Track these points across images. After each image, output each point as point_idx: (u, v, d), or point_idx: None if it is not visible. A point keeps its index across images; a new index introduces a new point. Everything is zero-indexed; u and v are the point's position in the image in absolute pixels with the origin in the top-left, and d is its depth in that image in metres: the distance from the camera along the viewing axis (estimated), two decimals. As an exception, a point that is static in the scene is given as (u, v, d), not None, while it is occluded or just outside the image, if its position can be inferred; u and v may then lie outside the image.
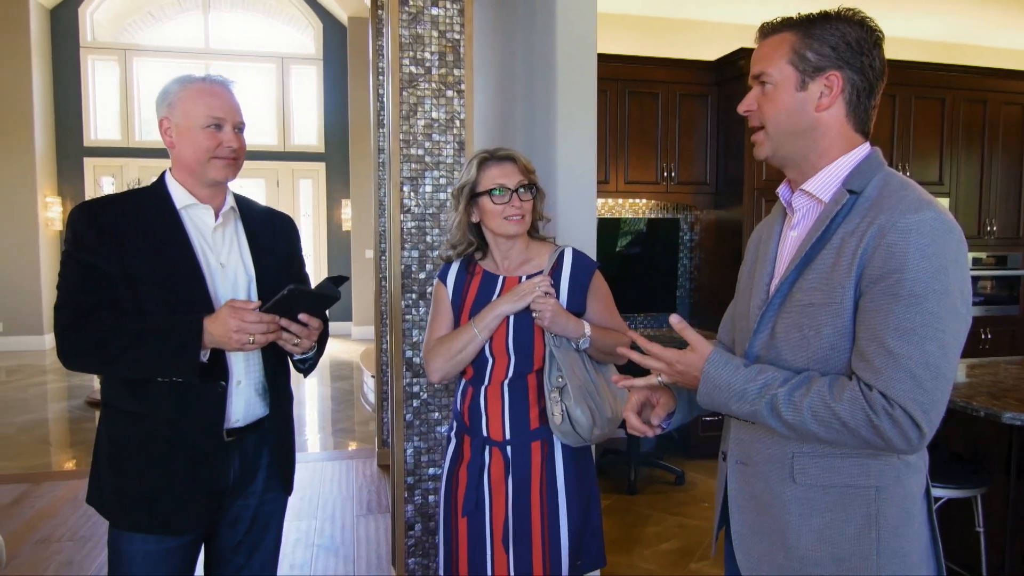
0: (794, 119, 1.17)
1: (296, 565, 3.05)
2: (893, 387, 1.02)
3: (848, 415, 1.04)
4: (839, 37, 1.13)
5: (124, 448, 1.54)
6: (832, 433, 1.06)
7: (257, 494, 1.69)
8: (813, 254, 1.15)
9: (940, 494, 2.36)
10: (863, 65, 1.14)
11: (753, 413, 1.13)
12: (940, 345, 1.03)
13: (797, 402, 1.08)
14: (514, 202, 1.73)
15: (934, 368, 1.03)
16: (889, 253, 1.05)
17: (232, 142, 1.57)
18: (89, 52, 8.71)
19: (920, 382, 1.02)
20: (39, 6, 8.27)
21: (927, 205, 1.07)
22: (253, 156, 9.08)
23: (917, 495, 1.17)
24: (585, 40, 2.64)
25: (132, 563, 1.52)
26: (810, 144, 1.18)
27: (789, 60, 1.16)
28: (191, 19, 9.12)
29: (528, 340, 1.73)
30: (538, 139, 2.84)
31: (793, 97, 1.16)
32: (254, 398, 1.63)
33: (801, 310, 1.14)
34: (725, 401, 1.15)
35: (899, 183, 1.13)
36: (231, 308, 1.44)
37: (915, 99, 4.50)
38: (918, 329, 1.02)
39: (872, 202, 1.11)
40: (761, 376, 1.13)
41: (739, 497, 1.27)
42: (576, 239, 2.66)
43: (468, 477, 1.78)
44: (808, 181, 1.20)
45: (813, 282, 1.14)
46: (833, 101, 1.15)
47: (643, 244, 4.62)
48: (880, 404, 1.03)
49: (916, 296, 1.03)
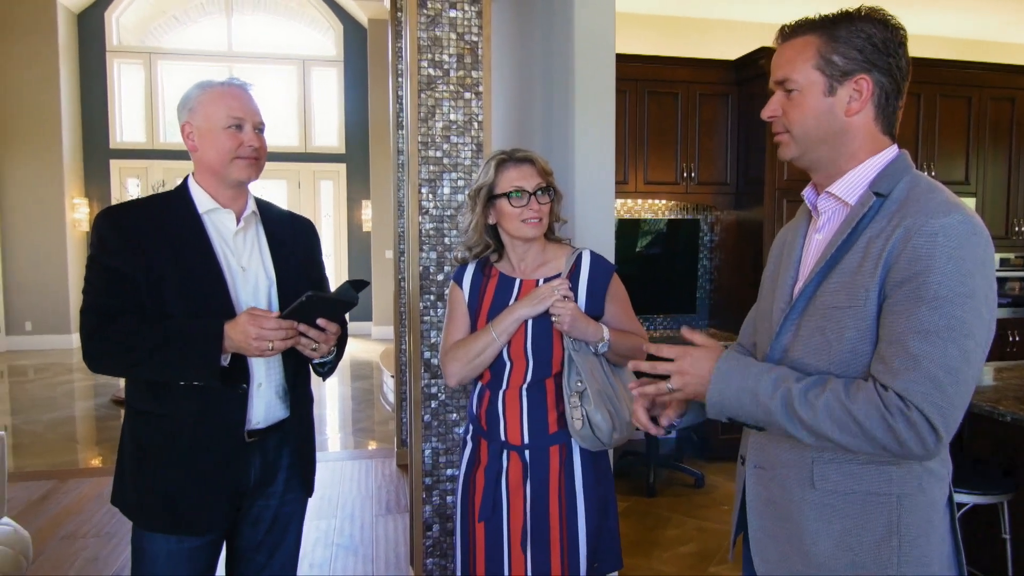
0: (822, 125, 1.15)
1: (316, 564, 3.08)
2: (911, 388, 1.01)
3: (863, 416, 1.03)
4: (865, 39, 1.11)
5: (147, 449, 1.56)
6: (847, 436, 1.04)
7: (278, 495, 1.71)
8: (838, 257, 1.14)
9: (965, 500, 2.32)
10: (891, 66, 1.12)
11: (767, 413, 1.10)
12: (962, 349, 1.01)
13: (812, 400, 1.06)
14: (532, 205, 1.73)
15: (955, 372, 1.01)
16: (915, 256, 1.03)
17: (253, 141, 1.59)
18: (115, 55, 8.86)
19: (939, 385, 1.00)
20: (66, 11, 8.42)
21: (955, 208, 1.05)
22: (274, 157, 9.17)
23: (940, 503, 1.15)
24: (603, 40, 2.63)
25: (154, 562, 1.55)
26: (839, 148, 1.16)
27: (815, 65, 1.13)
28: (214, 22, 9.23)
29: (547, 344, 1.73)
30: (555, 140, 2.84)
31: (821, 102, 1.14)
32: (275, 400, 1.64)
33: (824, 313, 1.13)
34: (737, 398, 1.12)
35: (927, 186, 1.11)
36: (250, 316, 1.45)
37: (940, 97, 4.42)
38: (941, 332, 1.01)
39: (899, 205, 1.10)
40: (774, 371, 1.12)
41: (757, 501, 1.26)
42: (594, 240, 2.65)
43: (485, 481, 1.78)
44: (834, 184, 1.18)
45: (837, 285, 1.12)
46: (863, 105, 1.13)
47: (663, 245, 4.59)
48: (896, 405, 1.01)
49: (940, 299, 1.01)
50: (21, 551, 2.02)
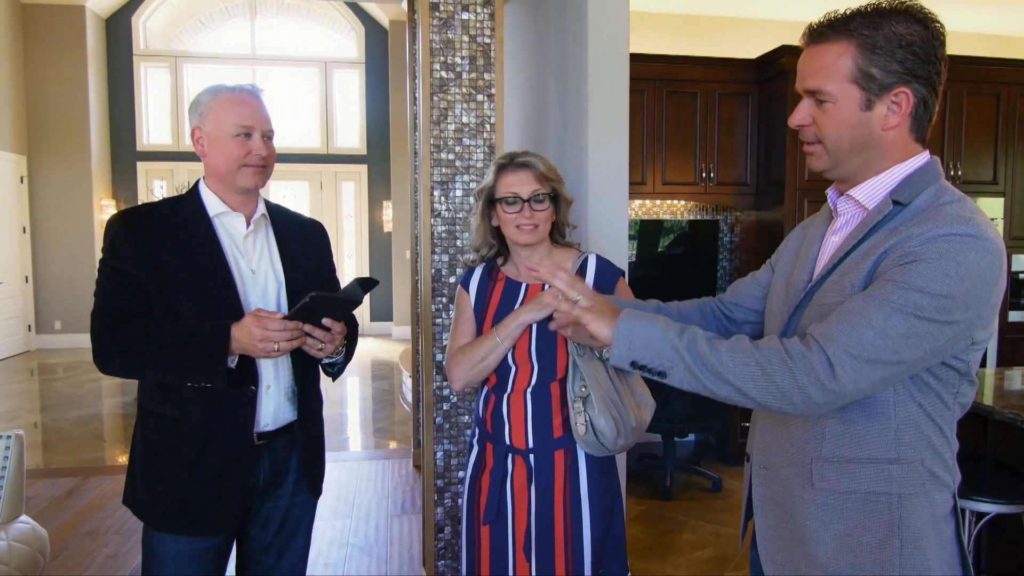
0: (857, 138, 1.10)
1: (331, 564, 3.10)
2: (827, 332, 0.99)
3: (763, 358, 1.01)
4: (906, 49, 1.04)
5: (157, 451, 1.58)
6: (748, 379, 1.02)
7: (287, 496, 1.72)
8: (844, 259, 1.12)
9: (987, 509, 2.26)
10: (930, 74, 1.06)
11: (673, 348, 1.07)
12: (910, 327, 0.97)
13: (717, 344, 1.05)
14: (525, 212, 1.72)
15: (886, 336, 0.97)
16: (905, 252, 1.01)
17: (261, 150, 1.60)
18: (142, 59, 9.01)
19: (863, 337, 0.97)
20: (95, 16, 8.59)
21: (964, 221, 1.00)
22: (297, 159, 9.27)
23: (943, 510, 1.12)
24: (616, 41, 2.61)
25: (164, 563, 1.57)
26: (870, 159, 1.12)
27: (852, 78, 1.06)
28: (238, 25, 9.35)
29: (551, 348, 1.72)
30: (569, 141, 2.83)
31: (857, 116, 1.08)
32: (283, 402, 1.65)
33: (815, 309, 1.12)
34: (646, 337, 1.09)
35: (948, 197, 1.07)
36: (255, 317, 1.46)
37: (967, 95, 4.32)
38: (894, 302, 0.97)
39: (916, 216, 1.06)
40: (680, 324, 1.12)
41: (762, 501, 1.25)
42: (607, 241, 2.63)
43: (490, 485, 1.77)
44: (857, 187, 1.15)
45: (831, 284, 1.11)
46: (902, 120, 1.08)
47: (682, 246, 4.55)
48: (797, 348, 1.00)
49: (910, 287, 0.97)
50: (38, 548, 2.06)
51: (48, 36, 8.24)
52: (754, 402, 1.03)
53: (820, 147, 1.14)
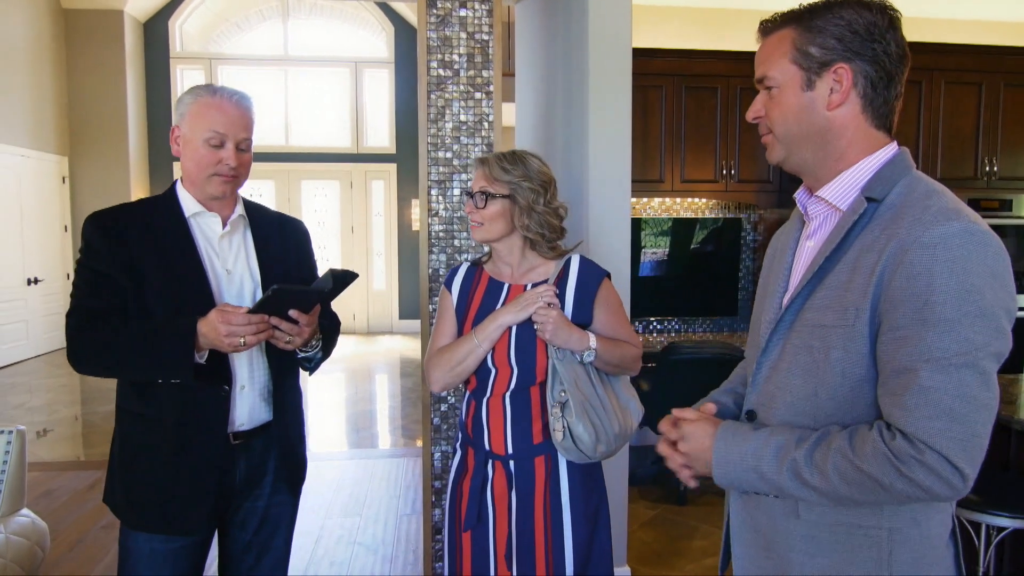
0: (803, 122, 1.06)
1: (336, 563, 3.11)
2: (924, 427, 0.91)
3: (877, 471, 0.92)
4: (844, 26, 1.01)
5: (133, 449, 1.59)
6: (868, 493, 0.94)
7: (265, 496, 1.71)
8: (828, 267, 1.04)
9: (1005, 524, 2.14)
10: (876, 53, 1.02)
11: (779, 489, 1.01)
12: (979, 373, 0.91)
13: (820, 464, 0.96)
14: (468, 207, 1.71)
15: (973, 400, 0.90)
16: (912, 272, 0.93)
17: (231, 160, 1.58)
18: (178, 62, 9.22)
19: (957, 417, 0.90)
20: (133, 20, 8.81)
21: (955, 215, 0.94)
22: (327, 158, 9.38)
23: (939, 537, 1.04)
24: (618, 36, 2.55)
25: (139, 561, 1.57)
26: (826, 147, 1.06)
27: (792, 58, 1.05)
28: (271, 27, 9.49)
29: (530, 352, 1.68)
30: (573, 139, 2.78)
31: (800, 98, 1.05)
32: (259, 403, 1.65)
33: (811, 331, 1.04)
34: (744, 479, 1.04)
35: (925, 190, 1.00)
36: (219, 312, 1.45)
37: (1004, 87, 4.13)
38: (953, 359, 0.90)
39: (894, 212, 1.00)
40: (773, 438, 1.02)
41: (742, 530, 1.17)
42: (608, 241, 2.58)
43: (470, 491, 1.74)
44: (825, 187, 1.08)
45: (825, 300, 1.03)
46: (845, 97, 1.03)
47: (702, 245, 4.45)
48: (906, 452, 0.91)
49: (948, 322, 0.91)
50: (37, 542, 2.10)
51: (88, 40, 8.49)
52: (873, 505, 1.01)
53: (772, 137, 1.10)
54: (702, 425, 1.10)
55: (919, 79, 4.00)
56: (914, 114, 4.03)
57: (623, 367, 1.74)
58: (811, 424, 1.04)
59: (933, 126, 4.03)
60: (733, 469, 1.04)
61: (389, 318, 9.75)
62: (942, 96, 4.01)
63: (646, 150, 4.12)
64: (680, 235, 4.42)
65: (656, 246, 4.38)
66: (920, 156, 4.05)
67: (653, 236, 4.41)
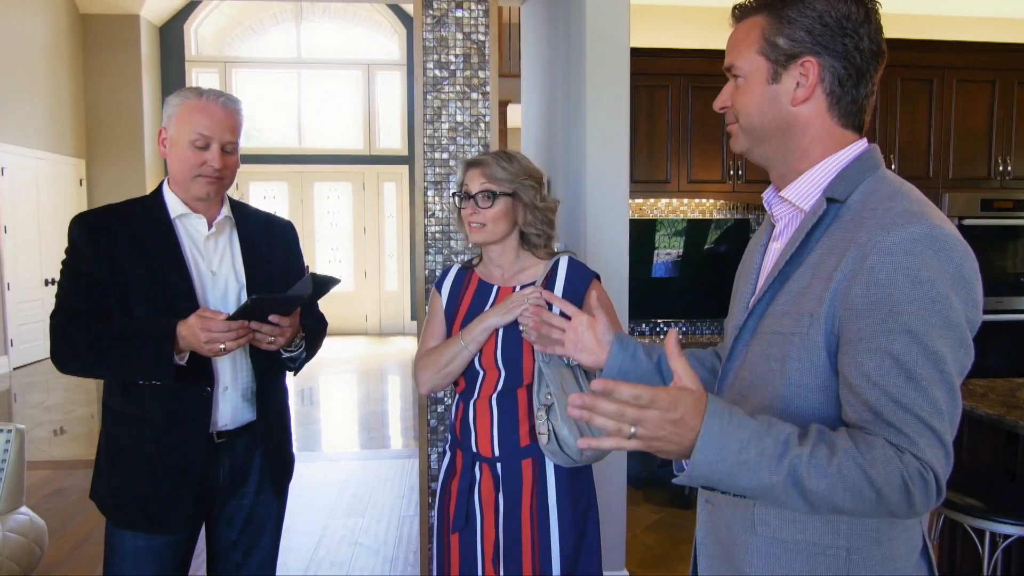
0: (767, 115, 1.01)
1: (336, 563, 3.12)
2: (920, 445, 0.87)
3: (884, 480, 0.85)
4: (815, 18, 0.96)
5: (118, 448, 1.61)
6: (859, 503, 0.87)
7: (251, 495, 1.72)
8: (789, 271, 1.00)
9: (1010, 532, 2.09)
10: (846, 48, 0.97)
11: (766, 489, 0.85)
12: (948, 388, 0.87)
13: (824, 466, 0.84)
14: (468, 208, 1.68)
15: (947, 417, 0.87)
16: (873, 279, 0.88)
17: (215, 162, 1.58)
18: (193, 65, 9.32)
19: (939, 435, 0.87)
20: (149, 24, 8.92)
21: (917, 218, 0.89)
22: (340, 160, 9.43)
23: (906, 557, 0.99)
24: (616, 36, 2.53)
25: (123, 559, 1.59)
26: (788, 144, 1.02)
27: (759, 49, 1.00)
28: (285, 30, 9.57)
29: (516, 354, 1.66)
30: (573, 140, 2.76)
31: (765, 90, 1.00)
32: (241, 403, 1.65)
33: (770, 339, 0.99)
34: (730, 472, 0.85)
35: (888, 191, 0.95)
36: (199, 318, 1.45)
37: (1018, 85, 4.05)
38: (925, 376, 0.86)
39: (855, 214, 0.95)
40: (772, 431, 0.86)
41: (707, 541, 1.13)
42: (607, 243, 2.56)
43: (458, 493, 1.74)
44: (788, 187, 1.04)
45: (785, 306, 0.98)
46: (810, 92, 0.98)
47: (710, 246, 4.41)
48: (915, 468, 0.86)
49: (915, 334, 0.86)
50: (35, 540, 2.13)
51: (105, 45, 8.60)
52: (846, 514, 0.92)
53: (737, 126, 1.06)
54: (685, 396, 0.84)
55: (930, 77, 3.94)
56: (925, 113, 3.97)
57: None
58: None
59: (945, 125, 3.96)
60: (725, 459, 0.83)
61: (401, 319, 9.78)
62: (954, 95, 3.94)
63: (652, 151, 4.09)
64: (693, 236, 4.37)
65: (671, 246, 4.34)
66: (932, 156, 3.98)
67: (667, 237, 4.37)
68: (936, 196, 3.99)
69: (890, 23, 3.59)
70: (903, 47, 3.92)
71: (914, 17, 4.61)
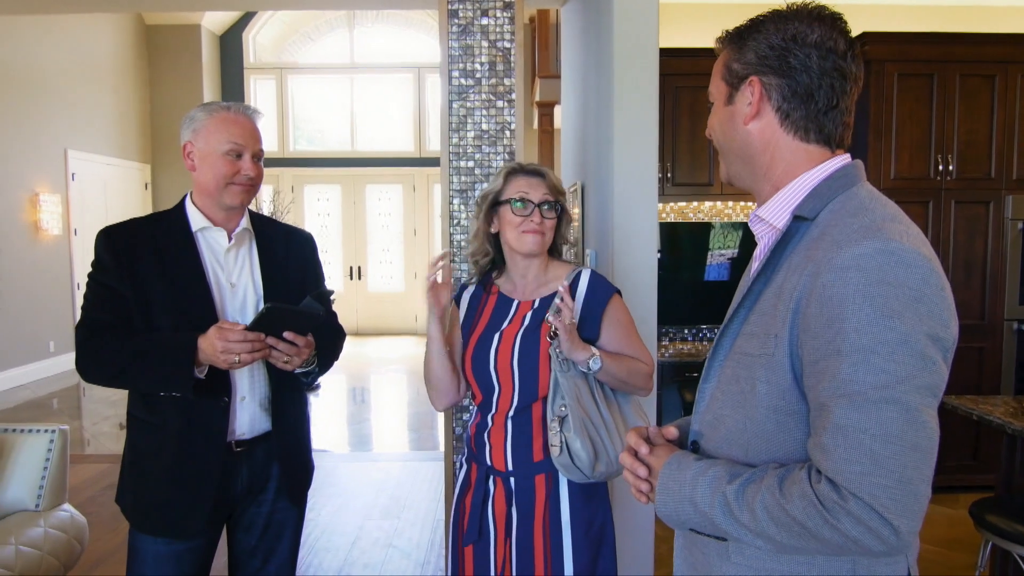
0: (727, 134, 1.05)
1: (370, 565, 3.16)
2: (844, 471, 0.82)
3: (804, 516, 0.84)
4: (763, 41, 0.99)
5: (140, 455, 1.66)
6: (799, 539, 0.86)
7: (269, 502, 1.75)
8: (759, 291, 0.99)
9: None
10: (791, 66, 0.97)
11: (712, 523, 0.93)
12: (904, 409, 0.81)
13: (749, 502, 0.88)
14: (535, 216, 1.66)
15: (897, 440, 0.81)
16: (824, 297, 0.86)
17: (250, 171, 1.64)
18: (251, 72, 9.62)
19: (880, 461, 0.80)
20: (209, 33, 9.25)
21: (872, 233, 0.86)
22: (390, 162, 9.58)
23: None
24: (644, 36, 2.47)
25: (144, 562, 1.64)
26: (750, 162, 1.03)
27: (722, 76, 1.05)
28: (338, 36, 9.78)
29: (533, 362, 1.65)
30: (602, 143, 2.72)
31: (724, 112, 1.05)
32: (259, 413, 1.69)
33: (739, 360, 0.98)
34: (681, 511, 0.96)
35: (854, 207, 0.93)
36: (217, 329, 1.50)
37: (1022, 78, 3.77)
38: (869, 393, 0.82)
39: (820, 231, 0.93)
40: (709, 471, 0.94)
41: (683, 566, 1.11)
42: (634, 247, 2.51)
43: (472, 506, 1.73)
44: (763, 205, 1.03)
45: (754, 326, 0.97)
46: (756, 110, 1.00)
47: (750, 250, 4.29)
48: (830, 499, 0.82)
49: (862, 351, 0.82)
50: (75, 536, 2.22)
51: (168, 54, 8.97)
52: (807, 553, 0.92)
53: (719, 154, 1.10)
54: (660, 452, 1.04)
55: (993, 72, 3.72)
56: (987, 111, 3.75)
57: (632, 384, 1.69)
58: (744, 460, 0.97)
59: (1008, 123, 3.74)
60: (671, 499, 0.97)
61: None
62: (1018, 90, 3.71)
63: (694, 152, 4.00)
64: (726, 240, 4.26)
65: (700, 252, 4.24)
66: (993, 156, 3.76)
67: (722, 237, 4.26)
68: (998, 198, 3.77)
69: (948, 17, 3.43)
70: (962, 41, 3.73)
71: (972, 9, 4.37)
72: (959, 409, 2.51)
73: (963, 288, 3.80)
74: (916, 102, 3.73)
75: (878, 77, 3.69)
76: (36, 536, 2.10)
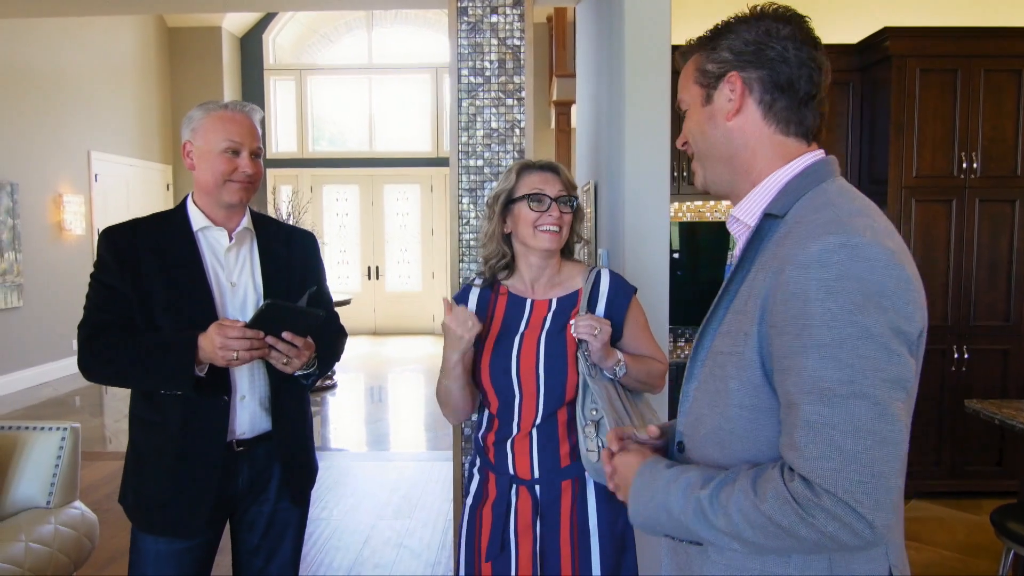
0: (708, 135, 1.03)
1: (380, 565, 3.15)
2: (817, 468, 0.81)
3: (779, 515, 0.84)
4: (736, 38, 0.99)
5: (142, 454, 1.66)
6: (776, 540, 0.86)
7: (271, 501, 1.75)
8: (733, 290, 0.99)
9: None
10: (770, 59, 0.97)
11: (688, 529, 0.93)
12: (873, 403, 0.81)
13: (724, 504, 0.88)
14: (552, 211, 1.61)
15: (868, 434, 0.81)
16: (788, 293, 0.86)
17: (247, 168, 1.64)
18: (271, 73, 9.69)
19: (851, 456, 0.80)
20: (230, 35, 9.34)
21: (836, 227, 0.86)
22: (408, 162, 9.60)
23: None
24: (656, 33, 2.43)
25: (145, 561, 1.64)
26: (733, 161, 1.02)
27: (695, 80, 1.05)
28: (357, 37, 9.82)
29: (561, 364, 1.60)
30: (614, 140, 2.69)
31: (702, 113, 1.03)
32: (259, 412, 1.68)
33: (714, 359, 0.98)
34: (655, 518, 0.97)
35: (821, 202, 0.92)
36: (217, 326, 1.50)
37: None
38: (837, 388, 0.82)
39: (788, 227, 0.93)
40: (682, 477, 0.95)
41: (671, 566, 1.10)
42: (647, 247, 2.47)
43: (493, 518, 1.66)
44: (738, 204, 1.03)
45: (728, 325, 0.97)
46: (739, 103, 0.98)
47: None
48: (804, 496, 0.82)
49: (826, 347, 0.82)
50: (86, 533, 2.24)
51: (190, 56, 9.07)
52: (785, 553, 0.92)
53: (696, 162, 1.08)
54: (629, 458, 1.05)
55: (1018, 68, 3.61)
56: (1013, 106, 3.65)
57: (649, 384, 1.67)
58: (721, 460, 0.96)
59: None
60: (644, 508, 0.98)
61: (468, 320, 9.86)
62: (1046, 85, 3.61)
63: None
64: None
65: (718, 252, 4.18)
66: (1019, 153, 3.66)
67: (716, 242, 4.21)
68: (1024, 196, 3.67)
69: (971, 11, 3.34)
70: (987, 36, 3.63)
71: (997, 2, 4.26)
72: (981, 413, 2.44)
73: (987, 289, 3.71)
74: (939, 98, 3.64)
75: (900, 73, 3.61)
76: (46, 533, 2.12)
